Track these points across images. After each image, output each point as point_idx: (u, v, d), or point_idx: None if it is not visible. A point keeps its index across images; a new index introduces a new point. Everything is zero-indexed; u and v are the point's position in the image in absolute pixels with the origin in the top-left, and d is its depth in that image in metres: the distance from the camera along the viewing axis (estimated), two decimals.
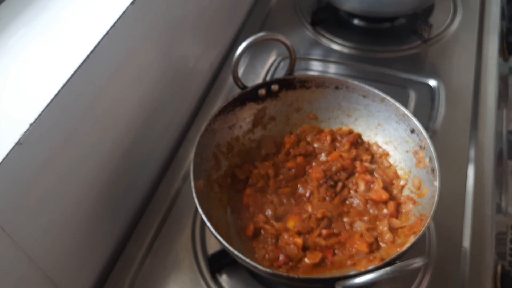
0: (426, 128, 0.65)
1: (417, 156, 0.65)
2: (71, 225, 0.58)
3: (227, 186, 0.69)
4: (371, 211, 0.66)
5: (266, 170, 0.71)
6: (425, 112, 0.83)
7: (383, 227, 0.63)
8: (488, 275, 0.64)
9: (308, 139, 0.74)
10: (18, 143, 0.46)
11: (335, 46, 0.97)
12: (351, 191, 0.68)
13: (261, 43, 0.65)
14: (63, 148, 0.53)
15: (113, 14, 0.58)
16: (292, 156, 0.72)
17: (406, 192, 0.67)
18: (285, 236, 0.63)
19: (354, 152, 0.71)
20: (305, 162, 0.71)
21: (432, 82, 0.88)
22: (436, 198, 0.56)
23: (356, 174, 0.69)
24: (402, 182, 0.68)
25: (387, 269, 0.48)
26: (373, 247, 0.62)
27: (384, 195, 0.66)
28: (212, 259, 0.65)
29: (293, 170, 0.70)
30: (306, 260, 0.61)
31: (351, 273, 0.53)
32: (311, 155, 0.72)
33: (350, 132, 0.73)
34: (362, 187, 0.68)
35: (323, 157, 0.71)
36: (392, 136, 0.70)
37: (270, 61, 0.94)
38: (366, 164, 0.70)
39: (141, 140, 0.70)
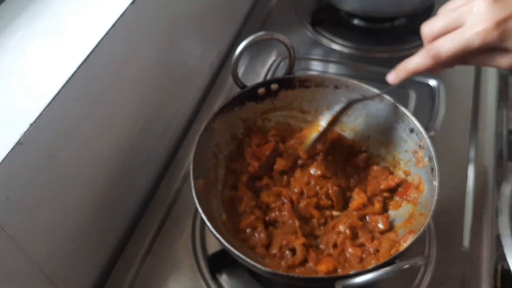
0: (426, 128, 0.65)
1: (416, 155, 0.65)
2: (71, 225, 0.58)
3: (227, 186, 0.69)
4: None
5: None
6: (425, 112, 0.83)
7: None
8: (488, 275, 0.64)
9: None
10: (18, 143, 0.46)
11: (335, 46, 0.97)
12: None
13: (261, 43, 0.65)
14: (63, 148, 0.53)
15: (113, 14, 0.58)
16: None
17: None
18: None
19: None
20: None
21: (432, 82, 0.88)
22: (435, 197, 0.56)
23: None
24: None
25: (387, 269, 0.48)
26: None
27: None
28: (212, 259, 0.65)
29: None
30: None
31: (351, 272, 0.53)
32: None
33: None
34: None
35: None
36: (391, 135, 0.69)
37: (270, 61, 0.94)
38: None
39: (141, 140, 0.70)
